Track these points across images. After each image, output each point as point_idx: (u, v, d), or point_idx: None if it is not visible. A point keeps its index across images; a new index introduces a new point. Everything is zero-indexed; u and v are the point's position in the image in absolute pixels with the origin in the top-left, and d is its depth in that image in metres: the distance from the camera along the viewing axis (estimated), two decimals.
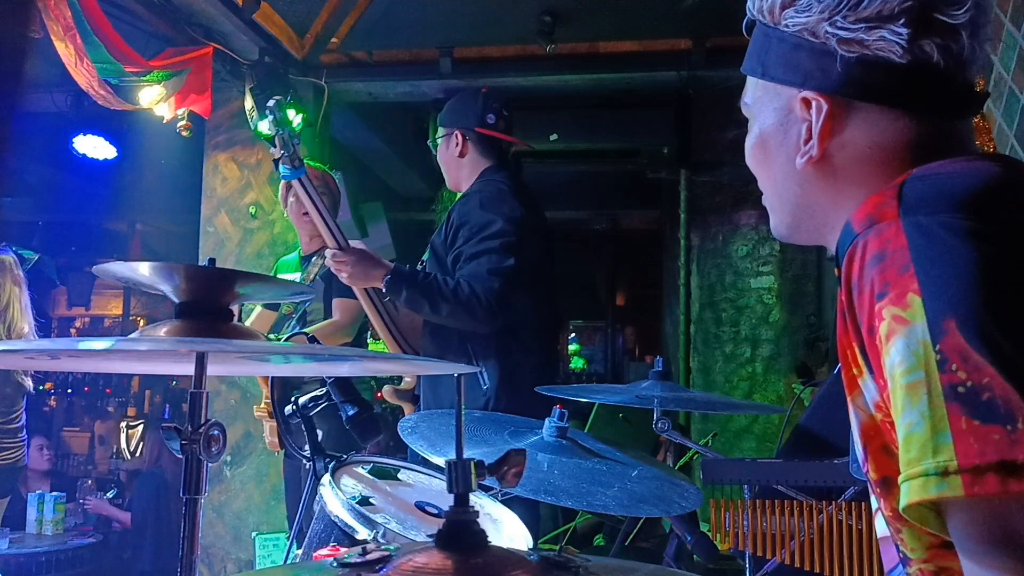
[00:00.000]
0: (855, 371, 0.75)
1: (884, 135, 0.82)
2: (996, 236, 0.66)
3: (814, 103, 0.83)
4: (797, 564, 1.64)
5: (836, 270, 0.76)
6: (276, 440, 2.88)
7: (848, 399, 0.78)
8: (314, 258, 3.20)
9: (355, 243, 2.47)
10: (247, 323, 3.06)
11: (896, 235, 0.69)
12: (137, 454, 6.30)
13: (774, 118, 0.88)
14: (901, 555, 0.79)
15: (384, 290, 2.34)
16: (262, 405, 3.06)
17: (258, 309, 3.16)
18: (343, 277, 2.39)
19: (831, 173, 0.85)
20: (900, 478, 0.66)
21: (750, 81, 0.91)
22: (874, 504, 0.88)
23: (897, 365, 0.66)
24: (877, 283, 0.68)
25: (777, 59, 0.86)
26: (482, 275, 2.26)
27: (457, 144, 2.55)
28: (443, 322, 2.35)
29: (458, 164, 2.56)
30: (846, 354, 0.75)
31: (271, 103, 2.45)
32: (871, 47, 0.80)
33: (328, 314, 3.11)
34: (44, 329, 4.00)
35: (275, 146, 2.43)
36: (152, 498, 5.23)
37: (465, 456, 0.91)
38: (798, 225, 0.91)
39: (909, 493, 0.64)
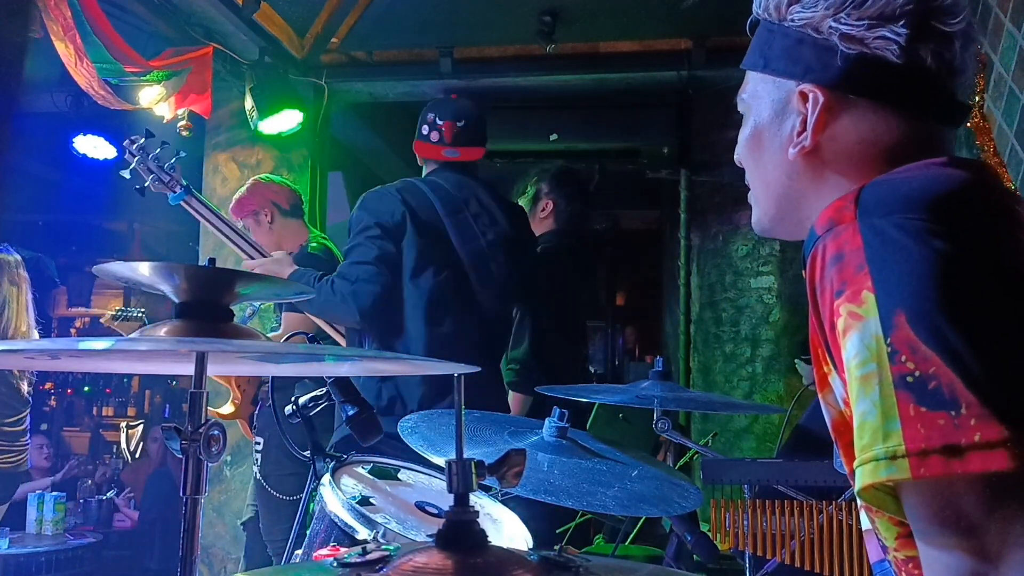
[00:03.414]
0: (825, 369, 0.79)
1: (872, 132, 0.86)
2: (947, 234, 0.70)
3: (811, 95, 0.87)
4: (797, 564, 1.64)
5: (803, 271, 0.80)
6: (249, 431, 3.24)
7: (819, 396, 0.82)
8: None
9: (277, 254, 2.75)
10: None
11: (852, 236, 0.73)
12: (137, 454, 6.30)
13: (771, 110, 0.92)
14: (881, 544, 0.83)
15: None
16: (228, 405, 3.19)
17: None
18: None
19: (820, 165, 0.89)
20: (855, 464, 0.70)
21: (749, 76, 0.95)
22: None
23: (852, 358, 0.70)
24: (835, 282, 0.73)
25: (780, 53, 0.90)
26: (344, 269, 2.44)
27: (418, 155, 2.80)
28: (317, 314, 2.59)
29: (424, 170, 2.77)
30: (816, 353, 0.80)
31: (127, 142, 2.71)
32: (870, 45, 0.83)
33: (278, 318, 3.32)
34: (44, 329, 3.99)
35: (148, 182, 2.67)
36: (162, 497, 5.23)
37: (465, 456, 0.91)
38: (782, 217, 0.95)
39: (862, 477, 0.69)
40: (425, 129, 2.70)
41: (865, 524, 0.92)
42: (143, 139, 2.69)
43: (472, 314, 2.54)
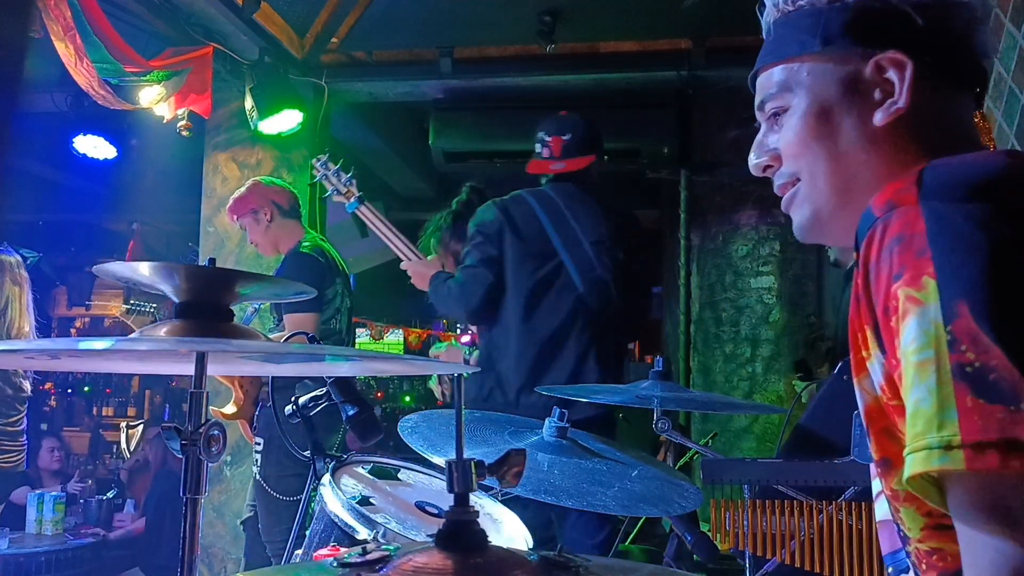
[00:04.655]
0: (864, 354, 0.77)
1: (943, 103, 0.87)
2: (1011, 223, 0.69)
3: (896, 60, 0.86)
4: (797, 564, 1.64)
5: (855, 253, 0.78)
6: (250, 432, 3.28)
7: (855, 381, 0.81)
8: None
9: (430, 258, 3.06)
10: None
11: (915, 220, 0.71)
12: (136, 448, 6.30)
13: (838, 88, 0.89)
14: (901, 535, 0.82)
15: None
16: (231, 406, 3.20)
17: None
18: (412, 280, 2.97)
19: (904, 132, 0.87)
20: (905, 451, 0.69)
21: (786, 68, 0.93)
22: (875, 488, 0.90)
23: (909, 343, 0.69)
24: (895, 265, 0.71)
25: (842, 29, 0.89)
26: (458, 273, 2.78)
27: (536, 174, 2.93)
28: (442, 311, 2.94)
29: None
30: (856, 337, 0.78)
31: (315, 160, 3.06)
32: (945, 14, 0.86)
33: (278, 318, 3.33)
34: (44, 329, 3.99)
35: (331, 192, 3.05)
36: (171, 496, 5.26)
37: (465, 456, 0.91)
38: (844, 204, 0.90)
39: (913, 464, 0.67)
40: (538, 147, 2.89)
41: (879, 515, 0.91)
42: (326, 156, 3.06)
43: (577, 310, 2.72)
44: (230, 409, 3.28)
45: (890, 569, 0.90)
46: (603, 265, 2.75)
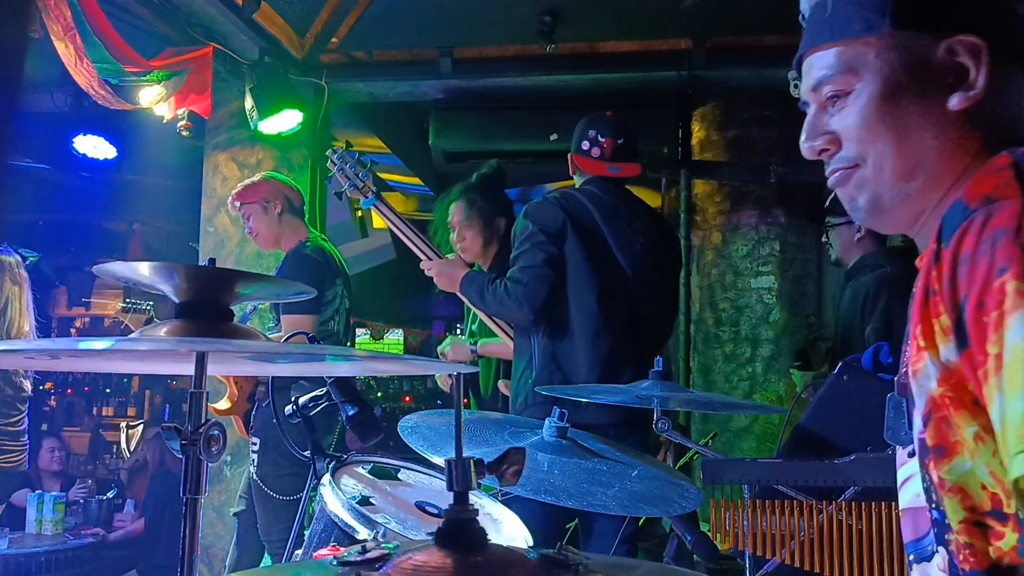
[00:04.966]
0: (923, 343, 0.77)
1: (1009, 86, 0.85)
2: None
3: (972, 45, 0.84)
4: (797, 564, 1.64)
5: (935, 243, 0.77)
6: (244, 428, 3.28)
7: (911, 371, 0.80)
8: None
9: (451, 256, 2.96)
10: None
11: (1019, 214, 0.71)
12: (139, 451, 6.31)
13: (907, 71, 0.87)
14: (943, 523, 0.81)
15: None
16: (224, 401, 3.20)
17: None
18: (436, 282, 2.84)
19: (974, 117, 0.85)
20: (1013, 450, 0.67)
21: (849, 48, 0.90)
22: (902, 475, 0.89)
23: (1018, 340, 0.68)
24: (999, 259, 0.70)
25: (916, 8, 0.86)
26: (516, 274, 2.63)
27: (573, 166, 2.84)
28: (491, 313, 2.83)
29: (577, 181, 2.86)
30: (918, 327, 0.77)
31: (329, 152, 2.96)
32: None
33: (276, 317, 3.31)
34: (44, 329, 3.98)
35: (346, 187, 2.95)
36: (168, 496, 5.26)
37: (465, 455, 0.91)
38: (906, 191, 0.88)
39: None
40: (586, 145, 2.81)
41: (903, 503, 0.90)
42: (343, 150, 2.96)
43: (631, 311, 2.70)
44: (223, 404, 3.27)
45: (912, 556, 0.89)
46: (655, 267, 2.75)
